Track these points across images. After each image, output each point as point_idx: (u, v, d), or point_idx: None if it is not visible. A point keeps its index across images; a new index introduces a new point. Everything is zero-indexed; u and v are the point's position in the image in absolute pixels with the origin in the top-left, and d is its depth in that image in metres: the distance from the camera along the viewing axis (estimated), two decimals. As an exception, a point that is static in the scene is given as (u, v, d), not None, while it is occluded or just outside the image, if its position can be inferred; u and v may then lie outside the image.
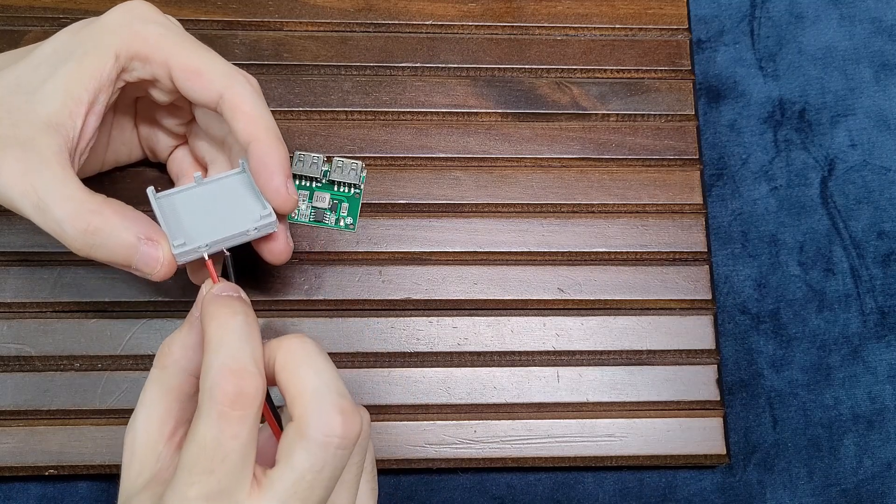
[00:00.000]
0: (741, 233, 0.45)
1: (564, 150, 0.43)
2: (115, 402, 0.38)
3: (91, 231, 0.30)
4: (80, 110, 0.32)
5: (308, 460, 0.26)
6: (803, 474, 0.42)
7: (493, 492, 0.40)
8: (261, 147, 0.32)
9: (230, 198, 0.34)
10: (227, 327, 0.27)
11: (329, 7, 0.44)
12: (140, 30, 0.32)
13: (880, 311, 0.44)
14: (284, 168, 0.33)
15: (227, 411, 0.26)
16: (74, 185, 0.31)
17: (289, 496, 0.26)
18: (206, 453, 0.25)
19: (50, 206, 0.30)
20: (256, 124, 0.32)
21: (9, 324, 0.38)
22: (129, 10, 0.33)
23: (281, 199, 0.33)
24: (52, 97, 0.31)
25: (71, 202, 0.30)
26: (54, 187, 0.30)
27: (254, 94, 0.33)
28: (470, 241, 0.41)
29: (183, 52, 0.32)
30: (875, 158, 0.46)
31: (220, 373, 0.26)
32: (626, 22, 0.45)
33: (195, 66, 0.32)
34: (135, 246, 0.31)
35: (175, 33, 0.33)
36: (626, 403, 0.40)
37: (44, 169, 0.30)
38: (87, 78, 0.31)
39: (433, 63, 0.43)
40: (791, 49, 0.48)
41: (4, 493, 0.39)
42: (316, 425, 0.26)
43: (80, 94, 0.31)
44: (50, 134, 0.31)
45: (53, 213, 0.30)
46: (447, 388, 0.39)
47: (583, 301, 0.41)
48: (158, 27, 0.33)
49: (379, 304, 0.40)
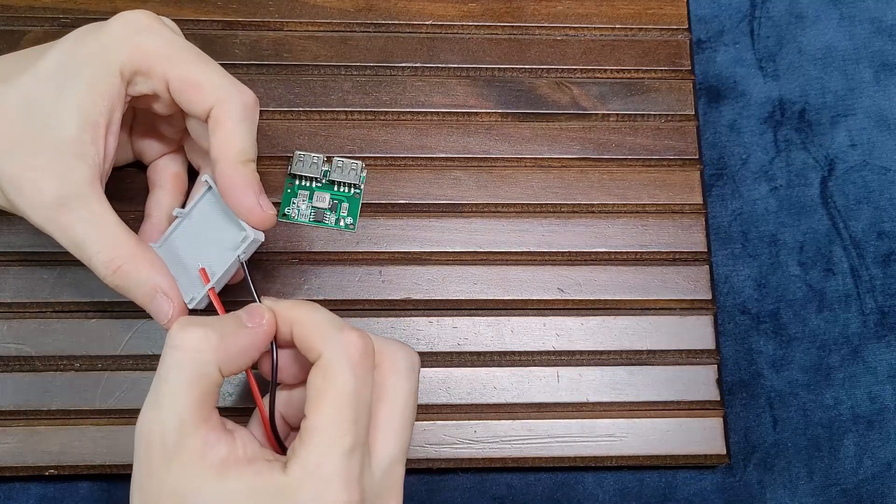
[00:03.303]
0: (741, 233, 0.45)
1: (564, 150, 0.43)
2: (115, 402, 0.38)
3: (119, 274, 0.32)
4: (100, 133, 0.32)
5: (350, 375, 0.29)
6: (803, 474, 0.42)
7: (493, 492, 0.40)
8: (227, 167, 0.32)
9: (211, 221, 0.34)
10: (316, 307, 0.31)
11: (329, 7, 0.44)
12: (141, 43, 0.32)
13: (880, 311, 0.44)
14: (253, 185, 0.32)
15: (359, 363, 0.29)
16: (111, 222, 0.32)
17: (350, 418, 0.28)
18: (351, 404, 0.28)
19: (86, 244, 0.32)
20: (230, 144, 0.32)
21: (9, 324, 0.38)
22: (129, 21, 0.32)
23: (256, 218, 0.33)
24: (69, 121, 0.31)
25: (106, 242, 0.32)
26: (92, 226, 0.32)
27: (241, 110, 0.32)
28: (470, 241, 0.41)
29: (182, 63, 0.32)
30: (875, 158, 0.46)
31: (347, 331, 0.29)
32: (626, 22, 0.45)
33: (194, 78, 0.32)
34: (152, 298, 0.33)
35: (175, 44, 0.33)
36: (626, 403, 0.40)
37: (80, 206, 0.31)
38: (99, 99, 0.32)
39: (433, 63, 0.43)
40: (791, 49, 0.48)
41: (4, 493, 0.39)
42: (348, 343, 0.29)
43: (98, 119, 0.32)
44: (77, 163, 0.31)
45: (87, 251, 0.32)
46: (447, 388, 0.39)
47: (583, 301, 0.41)
48: (158, 38, 0.32)
49: (379, 304, 0.40)
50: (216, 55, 0.42)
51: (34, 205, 0.31)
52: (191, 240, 0.35)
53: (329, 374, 0.29)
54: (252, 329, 0.30)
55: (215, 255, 0.34)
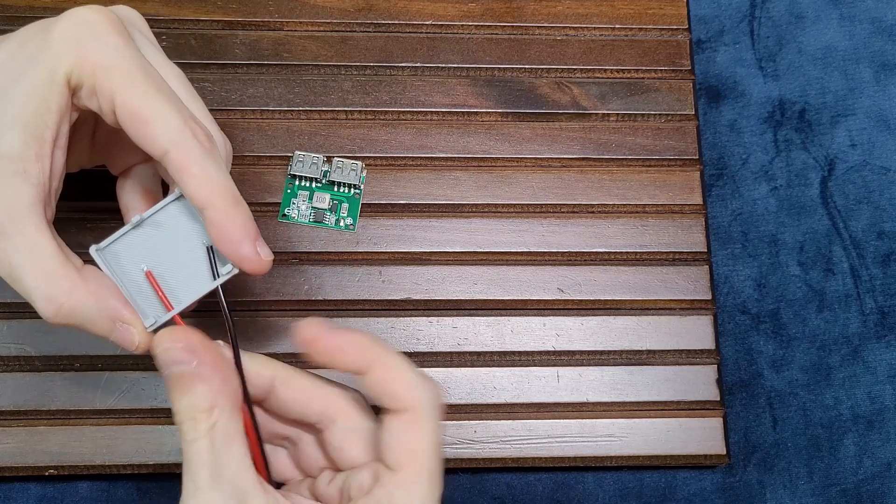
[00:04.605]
0: (741, 233, 0.45)
1: (564, 150, 0.43)
2: (115, 402, 0.38)
3: (63, 313, 0.29)
4: (46, 150, 0.28)
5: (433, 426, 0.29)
6: (803, 474, 0.42)
7: (493, 492, 0.40)
8: (217, 215, 0.28)
9: (179, 234, 0.31)
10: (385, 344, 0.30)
11: (329, 7, 0.44)
12: (92, 52, 0.28)
13: (880, 311, 0.44)
14: (249, 233, 0.29)
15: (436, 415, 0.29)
16: (48, 253, 0.28)
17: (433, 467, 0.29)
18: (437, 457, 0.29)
19: (22, 277, 0.28)
20: (210, 188, 0.28)
21: (9, 324, 0.38)
22: (79, 21, 0.28)
23: (252, 267, 0.29)
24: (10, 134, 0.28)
25: (44, 277, 0.28)
26: (27, 256, 0.28)
27: (203, 153, 0.28)
28: (470, 241, 0.41)
29: (131, 90, 0.28)
30: (875, 158, 0.46)
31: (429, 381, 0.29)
32: (626, 22, 0.45)
33: (144, 114, 0.28)
34: (111, 330, 0.30)
35: (126, 59, 0.28)
36: (626, 403, 0.40)
37: (16, 233, 0.28)
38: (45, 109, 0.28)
39: (433, 63, 0.43)
40: (791, 49, 0.48)
41: (4, 493, 0.39)
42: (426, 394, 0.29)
43: (43, 132, 0.28)
44: (18, 183, 0.28)
45: (25, 285, 0.28)
46: (447, 388, 0.39)
47: (583, 301, 0.41)
48: (108, 50, 0.28)
49: (379, 305, 0.40)
50: (216, 55, 0.42)
51: None
52: (150, 251, 0.30)
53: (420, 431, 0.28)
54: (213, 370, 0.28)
55: (183, 277, 0.30)
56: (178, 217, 0.30)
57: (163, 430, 0.38)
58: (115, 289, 0.30)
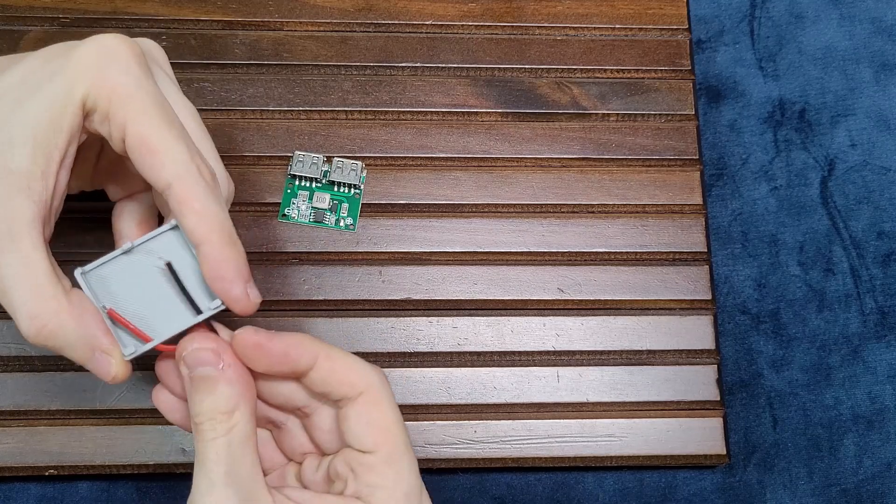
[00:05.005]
0: (741, 233, 0.45)
1: (564, 150, 0.43)
2: (115, 402, 0.38)
3: (44, 333, 0.28)
4: (52, 168, 0.29)
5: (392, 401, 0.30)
6: (803, 474, 0.42)
7: (493, 492, 0.40)
8: (213, 252, 0.29)
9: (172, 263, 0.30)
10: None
11: (329, 7, 0.44)
12: (108, 78, 0.28)
13: (880, 311, 0.44)
14: (242, 273, 0.29)
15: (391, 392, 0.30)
16: (39, 271, 0.28)
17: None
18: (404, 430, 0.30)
19: (10, 291, 0.28)
20: (209, 224, 0.29)
21: (9, 324, 0.38)
22: (103, 49, 0.29)
23: (241, 307, 0.29)
24: (20, 148, 0.28)
25: (32, 294, 0.28)
26: (17, 272, 0.28)
27: (206, 190, 0.29)
28: (470, 241, 0.41)
29: (144, 120, 0.28)
30: (875, 158, 0.46)
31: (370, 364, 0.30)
32: (626, 22, 0.45)
33: (152, 144, 0.28)
34: (90, 358, 0.30)
35: (144, 92, 0.29)
36: (626, 403, 0.40)
37: (12, 248, 0.28)
38: (57, 128, 0.28)
39: (433, 63, 0.43)
40: (791, 49, 0.48)
41: (4, 493, 0.39)
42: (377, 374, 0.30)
43: (52, 152, 0.28)
44: (21, 198, 0.28)
45: (12, 301, 0.28)
46: (447, 388, 0.39)
47: (583, 301, 0.41)
48: (129, 80, 0.29)
49: (379, 305, 0.40)
50: (216, 55, 0.42)
51: None
52: (137, 279, 0.30)
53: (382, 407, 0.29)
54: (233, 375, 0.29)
55: (167, 308, 0.30)
56: (170, 247, 0.30)
57: (163, 430, 0.38)
58: (98, 316, 0.29)
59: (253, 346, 0.29)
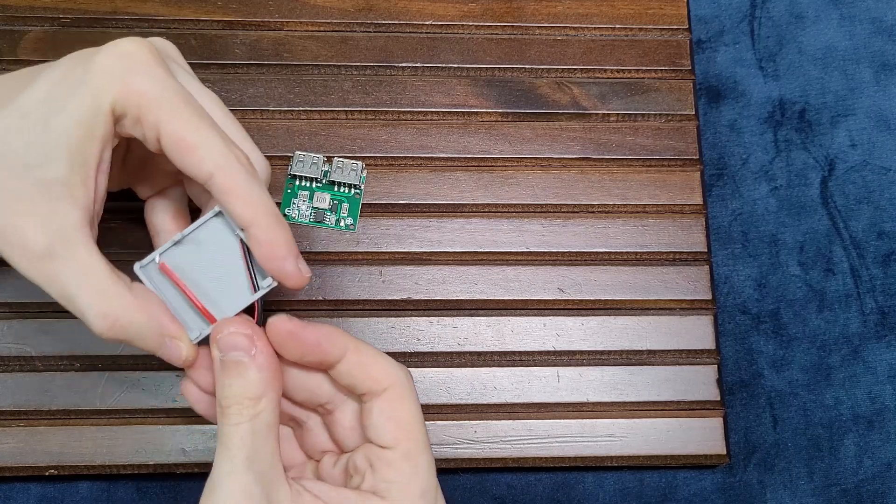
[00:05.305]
0: (741, 233, 0.45)
1: (564, 150, 0.43)
2: (115, 402, 0.38)
3: (116, 328, 0.30)
4: (91, 174, 0.30)
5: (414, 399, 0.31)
6: (803, 474, 0.42)
7: (493, 492, 0.40)
8: (263, 233, 0.30)
9: (219, 249, 0.32)
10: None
11: (329, 7, 0.44)
12: (133, 83, 0.29)
13: (880, 311, 0.44)
14: (292, 250, 0.31)
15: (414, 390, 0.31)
16: (100, 272, 0.30)
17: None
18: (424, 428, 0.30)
19: (76, 297, 0.29)
20: (254, 208, 0.30)
21: (9, 324, 0.38)
22: (124, 56, 0.30)
23: (293, 282, 0.31)
24: (57, 161, 0.29)
25: (96, 295, 0.29)
26: (79, 277, 0.29)
27: (247, 176, 0.30)
28: (470, 241, 0.41)
29: (176, 118, 0.29)
30: (875, 158, 0.46)
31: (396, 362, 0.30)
32: (626, 22, 0.45)
33: (189, 140, 0.29)
34: (160, 346, 0.31)
35: (169, 91, 0.30)
36: (626, 403, 0.40)
37: (68, 255, 0.29)
38: (90, 138, 0.29)
39: (433, 63, 0.43)
40: (791, 49, 0.48)
41: (4, 493, 0.39)
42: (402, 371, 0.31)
43: (88, 159, 0.29)
44: (66, 206, 0.29)
45: (78, 305, 0.30)
46: (447, 388, 0.39)
47: (583, 301, 0.41)
48: (152, 82, 0.29)
49: (379, 305, 0.40)
50: (216, 55, 0.42)
51: (20, 253, 0.29)
52: (191, 266, 0.32)
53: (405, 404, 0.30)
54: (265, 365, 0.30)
55: (223, 290, 0.32)
56: (217, 233, 0.32)
57: (163, 430, 0.38)
58: (163, 305, 0.31)
59: (286, 334, 0.30)
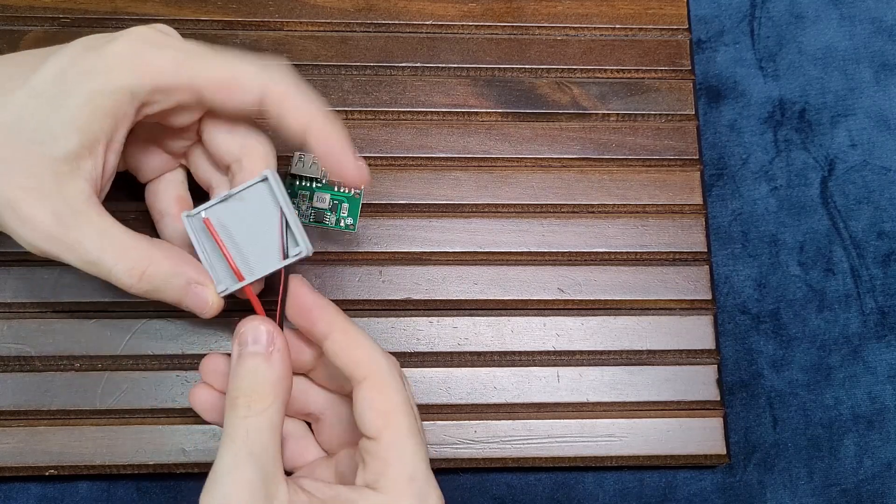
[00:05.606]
0: (741, 233, 0.45)
1: (564, 150, 0.43)
2: (115, 402, 0.38)
3: (145, 278, 0.31)
4: (99, 150, 0.31)
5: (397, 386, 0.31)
6: (803, 474, 0.42)
7: (493, 492, 0.40)
8: (322, 132, 0.32)
9: (260, 213, 0.33)
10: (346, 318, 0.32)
11: (329, 7, 0.44)
12: (152, 61, 0.31)
13: (880, 311, 0.44)
14: (349, 145, 0.33)
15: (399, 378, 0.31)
16: (118, 231, 0.31)
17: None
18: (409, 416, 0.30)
19: (101, 259, 0.31)
20: (310, 112, 0.32)
21: (9, 324, 0.38)
22: (136, 38, 0.31)
23: (353, 174, 0.33)
24: (65, 138, 0.30)
25: (121, 252, 0.31)
26: (99, 240, 0.30)
27: (294, 85, 0.32)
28: (470, 241, 0.41)
29: (208, 68, 0.31)
30: (875, 158, 0.46)
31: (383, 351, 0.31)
32: (626, 22, 0.45)
33: (227, 78, 0.31)
34: (185, 290, 0.32)
35: (192, 51, 0.31)
36: (626, 403, 0.40)
37: (83, 223, 0.30)
38: (100, 116, 0.30)
39: (433, 63, 0.43)
40: (791, 49, 0.48)
41: (4, 493, 0.39)
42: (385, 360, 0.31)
43: (97, 135, 0.30)
44: (73, 179, 0.30)
45: (104, 266, 0.31)
46: (447, 388, 0.39)
47: (583, 301, 0.41)
48: (170, 51, 0.31)
49: (379, 305, 0.40)
50: (216, 55, 0.42)
51: (33, 227, 0.30)
52: (232, 223, 0.33)
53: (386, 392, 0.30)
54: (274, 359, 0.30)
55: (256, 252, 0.33)
56: (261, 197, 0.33)
57: (163, 430, 0.38)
58: (187, 256, 0.32)
59: (293, 289, 0.31)
